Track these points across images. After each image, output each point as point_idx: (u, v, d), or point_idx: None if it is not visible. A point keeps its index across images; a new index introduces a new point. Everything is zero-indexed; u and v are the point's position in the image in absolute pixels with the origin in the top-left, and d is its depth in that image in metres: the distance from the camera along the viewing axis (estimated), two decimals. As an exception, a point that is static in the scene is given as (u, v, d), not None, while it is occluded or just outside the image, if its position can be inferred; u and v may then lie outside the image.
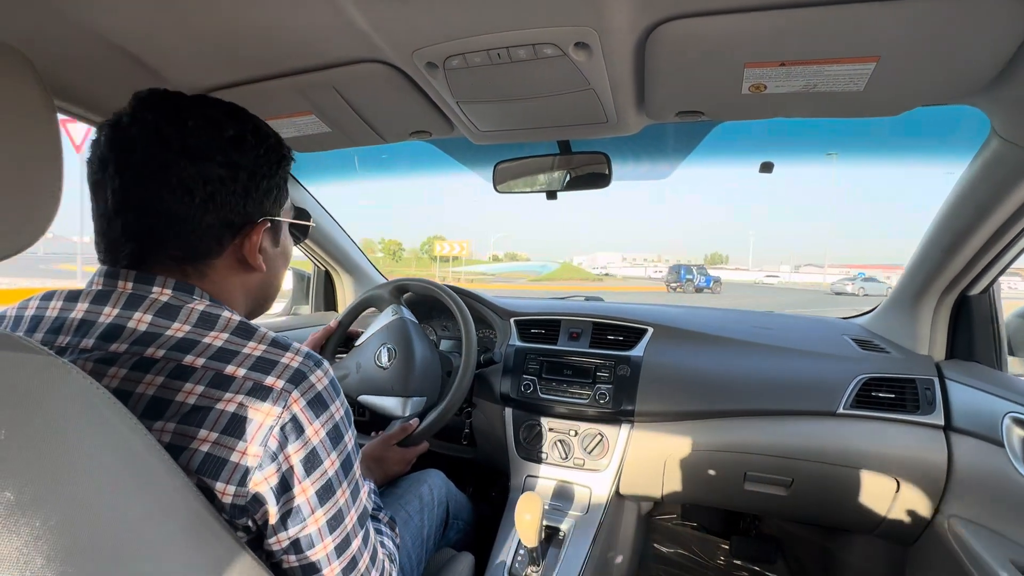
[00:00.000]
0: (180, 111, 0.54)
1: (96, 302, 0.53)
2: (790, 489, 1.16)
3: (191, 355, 0.49)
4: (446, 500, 1.10)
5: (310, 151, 1.22)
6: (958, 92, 0.76)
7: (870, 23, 0.62)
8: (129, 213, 0.53)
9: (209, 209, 0.54)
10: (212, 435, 0.47)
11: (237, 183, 0.56)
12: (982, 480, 0.96)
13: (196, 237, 0.55)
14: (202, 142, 0.54)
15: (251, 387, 0.49)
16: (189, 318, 0.51)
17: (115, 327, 0.51)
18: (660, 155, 1.42)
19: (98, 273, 0.56)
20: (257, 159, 0.58)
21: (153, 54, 0.80)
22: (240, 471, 0.47)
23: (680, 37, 0.68)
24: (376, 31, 0.71)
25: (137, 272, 0.54)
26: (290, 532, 0.51)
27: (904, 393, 1.09)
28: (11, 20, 0.69)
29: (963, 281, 1.07)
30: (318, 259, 1.77)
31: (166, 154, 0.52)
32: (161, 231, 0.54)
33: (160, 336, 0.50)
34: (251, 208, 0.58)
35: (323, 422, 0.52)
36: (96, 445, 0.38)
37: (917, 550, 1.12)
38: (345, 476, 0.55)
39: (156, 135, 0.52)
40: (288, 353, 0.52)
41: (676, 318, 1.37)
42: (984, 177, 0.89)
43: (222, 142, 0.55)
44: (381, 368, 1.18)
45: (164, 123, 0.53)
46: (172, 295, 0.53)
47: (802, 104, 0.83)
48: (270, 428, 0.48)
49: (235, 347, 0.51)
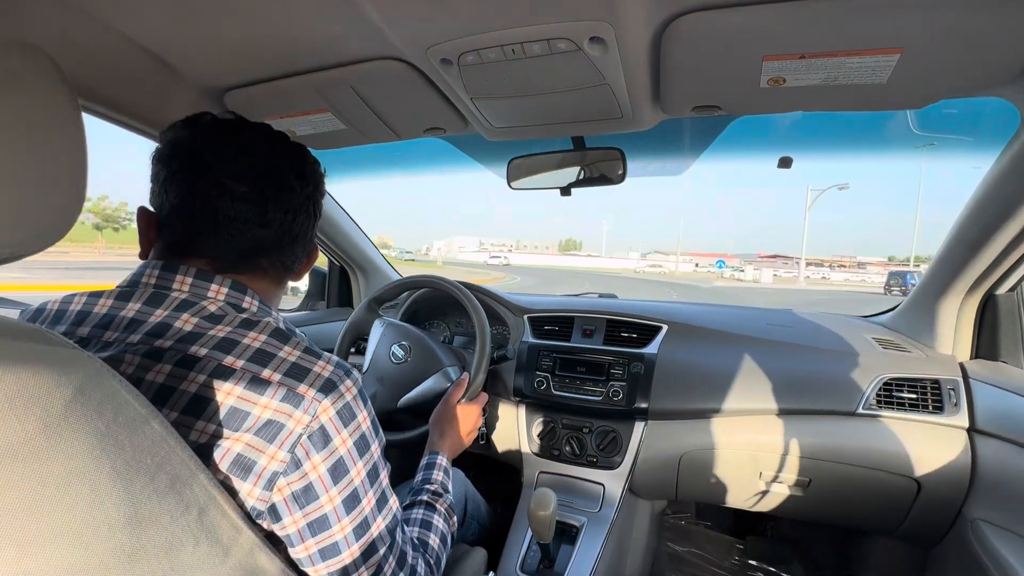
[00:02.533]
0: (292, 150, 0.63)
1: (149, 303, 0.54)
2: (807, 489, 1.15)
3: (231, 356, 0.51)
4: (464, 499, 1.11)
5: (325, 148, 1.23)
6: (986, 83, 0.74)
7: (894, 13, 0.61)
8: (263, 227, 0.60)
9: (308, 227, 0.66)
10: (246, 436, 0.48)
11: (314, 206, 0.66)
12: (1007, 483, 0.93)
13: (300, 249, 0.66)
14: (312, 175, 0.64)
15: (284, 393, 0.50)
16: (233, 322, 0.54)
17: (163, 325, 0.53)
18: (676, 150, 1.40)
19: (150, 266, 0.57)
20: (315, 190, 0.66)
21: (175, 54, 0.82)
22: (268, 474, 0.48)
23: (697, 30, 0.67)
24: (392, 29, 0.72)
25: (198, 270, 0.57)
26: (317, 539, 0.52)
27: (927, 393, 1.07)
28: (37, 21, 0.71)
29: (990, 279, 1.04)
30: (335, 256, 1.79)
31: (305, 189, 0.63)
32: (275, 244, 0.62)
33: (203, 336, 0.52)
34: (312, 229, 0.67)
35: (351, 431, 0.53)
36: (120, 439, 0.39)
37: (938, 553, 1.10)
38: (371, 485, 0.56)
39: (294, 170, 0.62)
40: (320, 362, 0.54)
41: (691, 315, 1.35)
42: (1013, 171, 0.86)
43: (302, 174, 0.63)
44: (403, 363, 1.20)
45: (291, 162, 0.62)
46: (228, 293, 0.57)
47: (822, 97, 0.82)
48: (299, 436, 0.49)
49: (273, 349, 0.53)
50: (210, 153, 0.58)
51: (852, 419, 1.09)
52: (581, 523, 1.16)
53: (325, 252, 1.78)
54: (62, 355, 0.37)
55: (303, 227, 0.64)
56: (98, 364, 0.40)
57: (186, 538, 0.41)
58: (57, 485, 0.34)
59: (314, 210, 0.66)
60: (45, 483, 0.34)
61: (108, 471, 0.37)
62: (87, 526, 0.35)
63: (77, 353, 0.39)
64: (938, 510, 1.05)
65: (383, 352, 1.23)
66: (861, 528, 1.29)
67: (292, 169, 0.62)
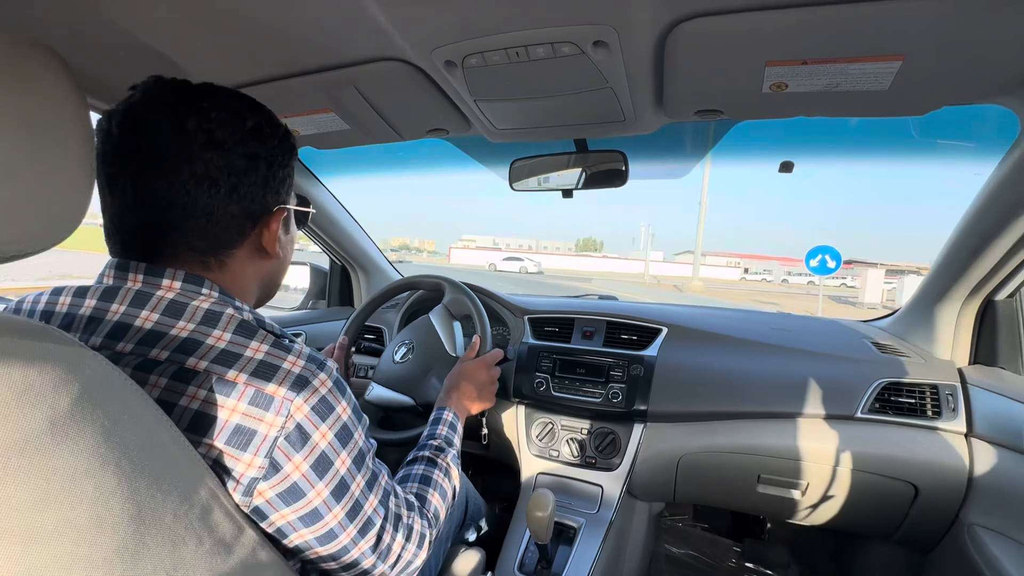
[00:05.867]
0: (200, 102, 0.54)
1: (104, 298, 0.52)
2: (805, 493, 1.15)
3: (194, 357, 0.48)
4: (466, 501, 1.11)
5: (329, 148, 1.24)
6: (986, 91, 0.74)
7: (896, 21, 0.61)
8: (151, 207, 0.52)
9: (233, 200, 0.55)
10: (217, 444, 0.47)
11: (257, 173, 0.56)
12: (1004, 489, 0.94)
13: (221, 228, 0.55)
14: (226, 133, 0.53)
15: (252, 395, 0.48)
16: (194, 316, 0.51)
17: (122, 325, 0.50)
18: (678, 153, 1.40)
19: (108, 265, 0.55)
20: (273, 149, 0.58)
21: (180, 51, 0.82)
22: (245, 480, 0.47)
23: (700, 35, 0.68)
24: (397, 30, 0.72)
25: (148, 264, 0.53)
26: (311, 528, 0.52)
27: (925, 398, 1.07)
28: (45, 20, 0.72)
29: (989, 285, 1.04)
30: (336, 255, 1.79)
31: (191, 146, 0.52)
32: (185, 223, 0.53)
33: (165, 336, 0.49)
34: (269, 197, 0.59)
35: (330, 425, 0.52)
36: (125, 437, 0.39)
37: (935, 558, 1.10)
38: (359, 469, 0.56)
39: (179, 127, 0.52)
40: (290, 357, 0.51)
41: (691, 318, 1.35)
42: (1013, 178, 0.86)
43: (244, 133, 0.55)
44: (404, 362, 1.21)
45: (187, 115, 0.52)
46: (180, 290, 0.53)
47: (824, 103, 0.82)
48: (274, 439, 0.47)
49: (237, 349, 0.50)
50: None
51: (851, 423, 1.09)
52: (579, 524, 1.17)
53: (326, 251, 1.78)
54: (69, 353, 0.37)
55: (207, 200, 0.53)
56: (105, 363, 0.40)
57: (189, 536, 0.42)
58: (62, 481, 0.34)
59: (226, 176, 0.54)
60: (50, 479, 0.34)
61: (113, 468, 0.37)
62: (91, 522, 0.36)
63: (84, 352, 0.39)
64: (935, 515, 1.05)
65: (388, 353, 1.24)
66: (858, 532, 1.29)
67: (170, 126, 0.52)
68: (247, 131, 0.55)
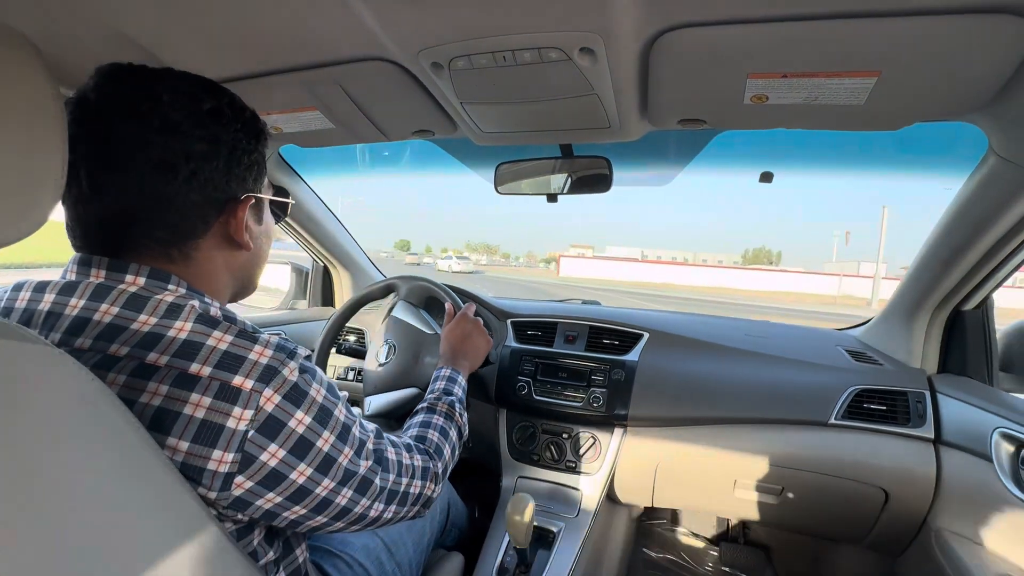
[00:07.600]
0: (152, 85, 0.51)
1: (64, 293, 0.50)
2: (780, 497, 1.17)
3: (154, 352, 0.46)
4: (448, 506, 1.11)
5: (313, 146, 1.22)
6: (957, 109, 0.77)
7: (872, 38, 0.63)
8: (107, 196, 0.50)
9: (193, 186, 0.52)
10: (183, 444, 0.44)
11: (219, 158, 0.54)
12: (970, 494, 0.97)
13: (181, 217, 0.53)
14: (181, 116, 0.51)
15: (218, 388, 0.46)
16: (157, 309, 0.48)
17: (81, 320, 0.48)
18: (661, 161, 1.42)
19: (72, 261, 0.53)
20: (236, 133, 0.55)
21: (162, 46, 0.81)
22: (220, 477, 0.46)
23: (685, 45, 0.69)
24: (383, 30, 0.72)
25: (111, 259, 0.51)
26: (303, 503, 0.51)
27: (895, 405, 1.10)
28: (20, 8, 0.69)
29: (957, 296, 1.07)
30: (316, 254, 1.77)
31: (145, 131, 0.49)
32: (143, 213, 0.51)
33: (125, 331, 0.47)
34: (234, 184, 0.56)
35: (305, 409, 0.50)
36: (93, 436, 0.38)
37: (905, 561, 1.13)
38: (345, 442, 0.54)
39: (131, 111, 0.49)
40: (256, 347, 0.49)
41: (672, 324, 1.37)
42: (981, 194, 0.90)
43: (201, 115, 0.52)
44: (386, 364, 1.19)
45: (138, 98, 0.50)
46: (144, 284, 0.51)
47: (803, 116, 0.84)
48: (244, 433, 0.46)
49: (199, 339, 0.47)
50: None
51: (824, 429, 1.12)
52: (558, 528, 1.17)
53: (307, 250, 1.76)
54: (44, 355, 0.37)
55: (164, 187, 0.50)
56: (78, 366, 0.39)
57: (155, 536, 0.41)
58: (43, 485, 0.34)
59: (184, 161, 0.51)
60: (30, 482, 0.33)
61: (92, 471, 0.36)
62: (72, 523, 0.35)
63: (60, 354, 0.38)
64: (904, 519, 1.08)
65: (371, 361, 1.23)
66: (831, 536, 1.32)
67: (122, 111, 0.49)
68: (205, 113, 0.53)
